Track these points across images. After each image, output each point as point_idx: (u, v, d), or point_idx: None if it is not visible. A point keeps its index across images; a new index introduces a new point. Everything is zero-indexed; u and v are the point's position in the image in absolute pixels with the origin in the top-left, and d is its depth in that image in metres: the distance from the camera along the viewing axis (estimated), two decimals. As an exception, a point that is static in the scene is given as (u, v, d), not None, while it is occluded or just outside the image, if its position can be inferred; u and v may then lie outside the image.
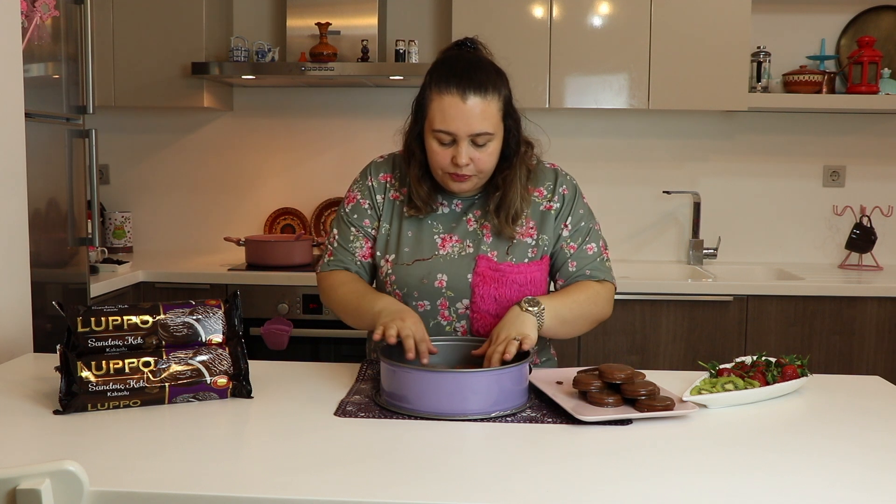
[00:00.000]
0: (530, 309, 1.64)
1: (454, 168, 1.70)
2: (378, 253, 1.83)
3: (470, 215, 1.82)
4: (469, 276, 1.77)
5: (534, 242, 1.81)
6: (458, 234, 1.81)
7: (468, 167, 1.70)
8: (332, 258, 1.86)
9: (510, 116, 1.74)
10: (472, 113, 1.67)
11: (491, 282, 1.76)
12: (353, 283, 1.80)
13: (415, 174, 1.79)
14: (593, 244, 1.85)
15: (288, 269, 3.21)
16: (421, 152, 1.77)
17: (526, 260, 1.79)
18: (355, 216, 1.86)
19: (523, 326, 1.61)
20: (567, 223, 1.83)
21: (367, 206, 1.86)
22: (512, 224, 1.77)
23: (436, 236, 1.81)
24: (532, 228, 1.81)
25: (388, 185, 1.86)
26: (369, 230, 1.85)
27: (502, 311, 1.74)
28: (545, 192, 1.84)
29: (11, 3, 2.17)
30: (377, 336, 1.59)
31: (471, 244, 1.80)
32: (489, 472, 1.21)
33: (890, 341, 3.05)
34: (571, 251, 1.83)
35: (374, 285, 1.88)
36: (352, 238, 1.85)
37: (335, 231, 1.88)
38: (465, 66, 1.70)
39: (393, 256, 1.81)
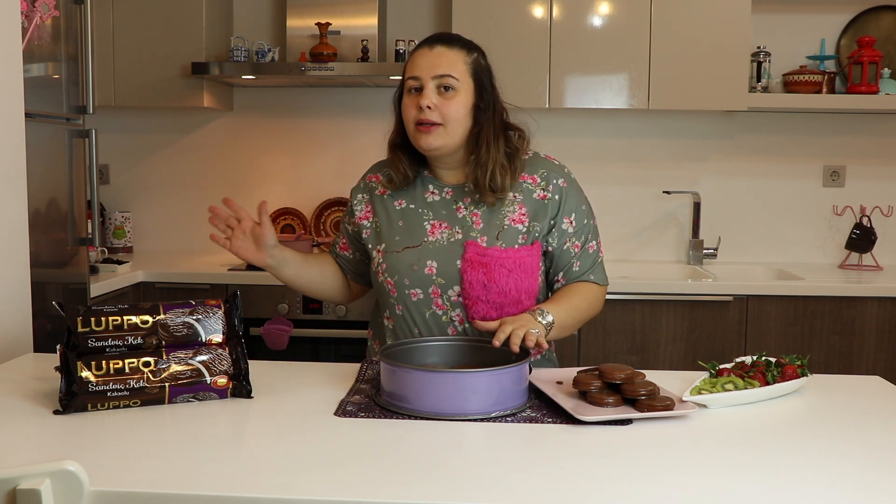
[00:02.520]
0: (541, 321, 1.68)
1: (419, 114, 1.77)
2: (370, 246, 1.90)
3: (460, 203, 1.85)
4: (458, 262, 1.79)
5: (525, 229, 1.81)
6: (447, 220, 1.84)
7: (433, 113, 1.76)
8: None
9: (481, 78, 1.81)
10: (437, 58, 1.79)
11: (479, 267, 1.77)
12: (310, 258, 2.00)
13: (392, 140, 1.88)
14: (593, 242, 1.88)
15: (288, 269, 3.21)
16: (399, 121, 1.86)
17: (516, 245, 1.80)
18: (346, 217, 2.01)
19: (531, 325, 1.63)
20: (571, 218, 1.84)
21: (352, 206, 1.98)
22: (491, 192, 1.80)
23: (425, 223, 1.84)
24: (524, 215, 1.82)
25: (372, 186, 1.95)
26: (347, 226, 2.00)
27: (493, 297, 1.76)
28: (539, 181, 1.84)
29: (11, 3, 2.17)
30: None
31: (459, 230, 1.82)
32: (489, 472, 1.21)
33: (890, 341, 3.05)
34: (576, 251, 1.85)
35: (362, 278, 2.01)
36: (340, 234, 2.03)
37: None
38: (440, 33, 1.88)
39: (383, 245, 1.86)
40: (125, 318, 1.50)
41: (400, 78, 1.88)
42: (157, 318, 1.51)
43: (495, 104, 1.83)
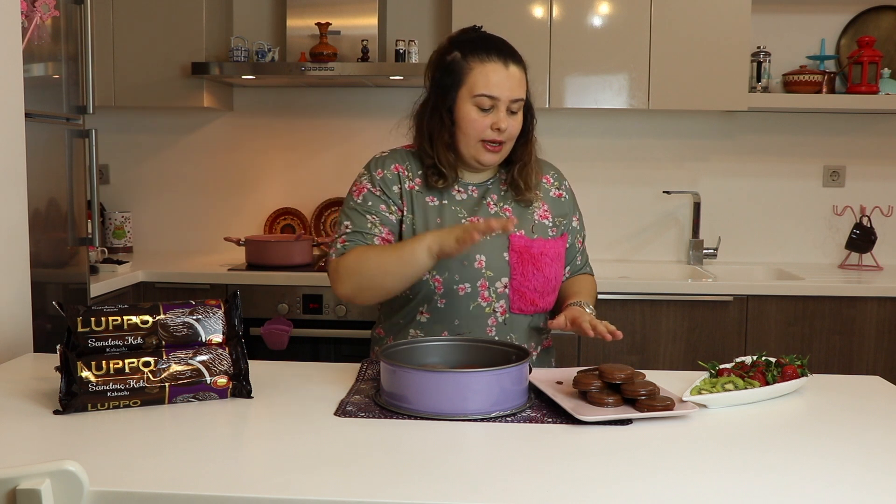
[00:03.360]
0: (590, 312, 1.80)
1: (493, 134, 1.79)
2: None
3: (488, 199, 1.89)
4: (505, 254, 1.84)
5: (551, 223, 1.92)
6: (482, 216, 1.87)
7: (504, 134, 1.79)
8: (347, 243, 1.81)
9: (529, 92, 1.87)
10: (513, 79, 1.80)
11: (528, 257, 1.84)
12: (378, 247, 1.78)
13: (444, 140, 1.83)
14: (583, 241, 2.05)
15: (288, 269, 3.21)
16: (452, 123, 1.81)
17: (549, 236, 1.91)
18: (369, 203, 1.84)
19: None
20: (577, 216, 2.01)
21: (379, 193, 1.85)
22: (529, 191, 1.88)
23: (463, 220, 1.86)
24: (547, 212, 1.93)
25: (401, 176, 1.87)
26: (387, 215, 1.84)
27: (540, 285, 1.86)
28: (552, 180, 1.98)
29: (11, 3, 2.17)
30: (469, 237, 1.60)
31: None
32: (489, 472, 1.21)
33: (890, 341, 3.05)
34: (579, 246, 2.02)
35: None
36: (369, 225, 1.82)
37: (346, 223, 1.84)
38: (498, 40, 1.85)
39: None
40: (125, 318, 1.50)
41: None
42: (157, 318, 1.51)
43: (534, 113, 1.91)
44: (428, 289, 1.83)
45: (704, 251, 3.58)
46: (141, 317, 1.51)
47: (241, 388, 1.54)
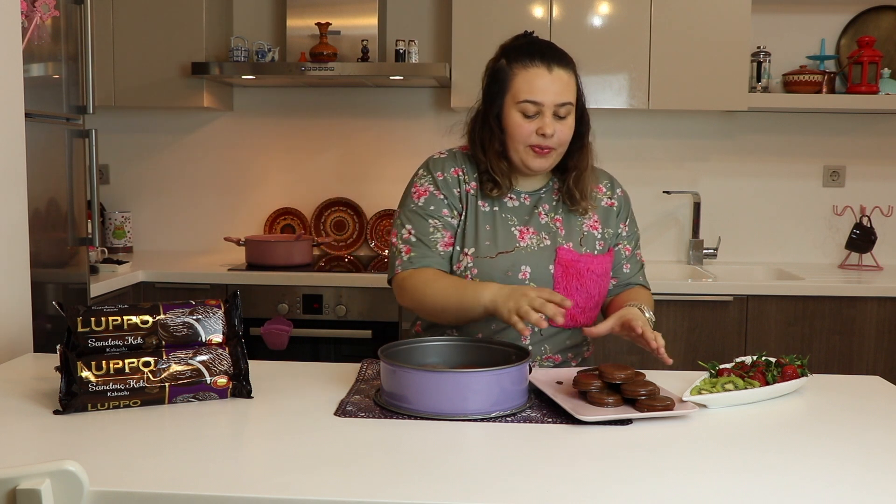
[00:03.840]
0: (648, 317, 1.72)
1: (538, 140, 1.76)
2: (457, 247, 1.83)
3: (540, 209, 1.87)
4: (551, 267, 1.82)
5: (600, 235, 1.88)
6: (533, 226, 1.85)
7: (552, 139, 1.76)
8: (412, 254, 1.81)
9: (582, 95, 1.83)
10: (558, 83, 1.76)
11: (573, 272, 1.81)
12: (447, 278, 1.78)
13: (495, 149, 1.81)
14: (640, 252, 1.98)
15: (288, 269, 3.21)
16: (501, 131, 1.80)
17: (596, 251, 1.86)
18: (432, 207, 1.84)
19: (644, 321, 1.66)
20: (626, 223, 1.95)
21: (442, 196, 1.84)
22: (584, 200, 1.84)
23: (513, 228, 1.84)
24: (597, 222, 1.89)
25: (460, 179, 1.86)
26: (450, 219, 1.84)
27: (583, 300, 1.82)
28: (605, 189, 1.95)
29: (11, 3, 2.17)
30: (519, 327, 1.56)
31: (547, 236, 1.84)
32: (489, 472, 1.21)
33: (890, 341, 3.05)
34: (627, 253, 1.94)
35: None
36: (431, 230, 1.82)
37: (408, 227, 1.83)
38: (544, 44, 1.82)
39: (473, 249, 1.82)
40: (125, 318, 1.50)
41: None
42: (157, 318, 1.51)
43: (589, 118, 1.86)
44: None
45: (704, 251, 3.58)
46: (141, 317, 1.51)
47: (241, 388, 1.54)
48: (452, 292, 1.73)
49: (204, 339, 1.54)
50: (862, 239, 3.44)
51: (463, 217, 1.84)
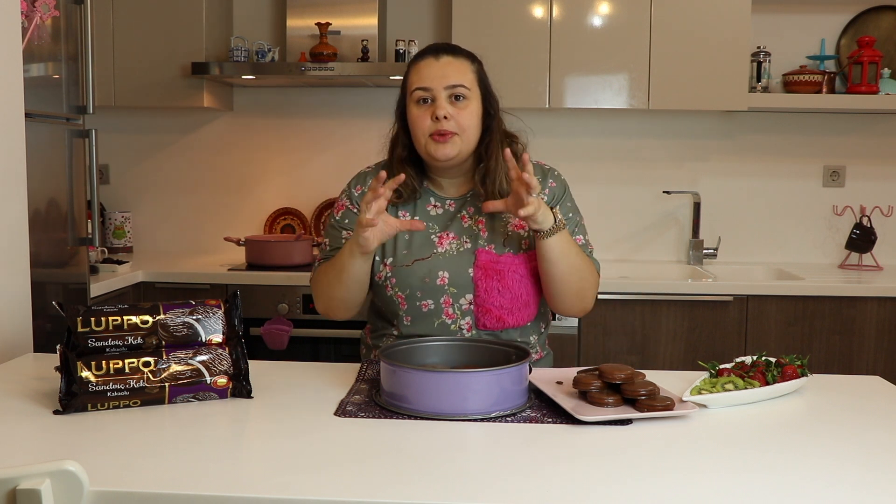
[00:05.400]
0: (555, 212, 1.71)
1: (435, 125, 1.75)
2: (376, 258, 1.83)
3: (464, 212, 1.85)
4: (470, 270, 1.79)
5: (526, 234, 1.84)
6: (453, 231, 1.84)
7: (449, 122, 1.75)
8: (322, 261, 1.89)
9: (487, 86, 1.83)
10: (446, 67, 1.78)
11: (493, 274, 1.78)
12: (329, 261, 1.84)
13: (399, 155, 1.84)
14: (580, 236, 1.89)
15: (288, 269, 3.21)
16: (405, 135, 1.82)
17: (521, 251, 1.83)
18: (346, 221, 1.90)
19: (545, 209, 1.67)
20: (556, 210, 1.85)
21: (356, 210, 1.88)
22: (500, 196, 1.79)
23: (432, 235, 1.83)
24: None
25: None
26: None
27: (506, 302, 1.78)
28: None
29: (11, 3, 2.17)
30: (364, 230, 1.65)
31: (468, 240, 1.82)
32: (489, 472, 1.21)
33: (890, 341, 3.05)
34: None
35: (369, 291, 1.89)
36: (343, 242, 1.84)
37: (326, 240, 1.91)
38: (440, 44, 1.86)
39: (391, 259, 1.83)
40: (125, 318, 1.50)
41: (400, 78, 1.87)
42: (157, 318, 1.51)
43: (498, 112, 1.85)
44: (392, 304, 1.84)
45: (704, 251, 3.58)
46: (141, 317, 1.51)
47: (241, 388, 1.54)
48: (330, 265, 1.81)
49: (204, 339, 1.54)
50: (862, 239, 3.44)
51: None
